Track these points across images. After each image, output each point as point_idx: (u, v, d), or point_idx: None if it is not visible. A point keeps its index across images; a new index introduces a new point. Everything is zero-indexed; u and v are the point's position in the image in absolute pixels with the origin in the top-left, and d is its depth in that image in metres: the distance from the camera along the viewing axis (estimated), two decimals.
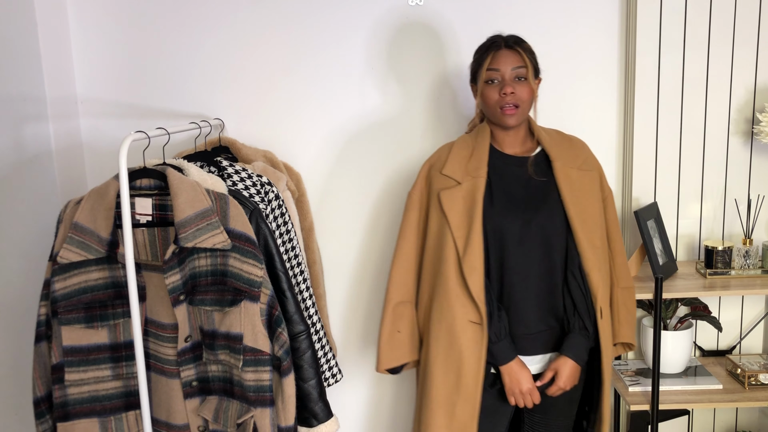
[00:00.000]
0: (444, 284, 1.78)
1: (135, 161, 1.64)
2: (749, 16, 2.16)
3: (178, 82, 2.28)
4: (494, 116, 1.80)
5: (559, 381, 1.78)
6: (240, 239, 1.61)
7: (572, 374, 1.79)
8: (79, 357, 1.63)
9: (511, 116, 1.76)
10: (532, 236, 1.77)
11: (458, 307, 1.76)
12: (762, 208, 2.24)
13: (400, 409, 2.46)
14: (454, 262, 1.76)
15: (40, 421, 1.70)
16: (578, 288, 1.78)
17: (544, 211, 1.78)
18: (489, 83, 1.77)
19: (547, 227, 1.77)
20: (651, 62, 2.18)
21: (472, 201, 1.77)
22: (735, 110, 2.21)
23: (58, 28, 2.19)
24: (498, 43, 1.78)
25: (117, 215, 1.61)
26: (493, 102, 1.76)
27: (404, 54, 2.25)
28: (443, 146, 1.93)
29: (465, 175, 1.80)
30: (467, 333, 1.75)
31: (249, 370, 1.62)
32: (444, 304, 1.78)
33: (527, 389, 1.77)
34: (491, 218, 1.77)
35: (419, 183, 1.92)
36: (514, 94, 1.74)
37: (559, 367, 1.78)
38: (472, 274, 1.73)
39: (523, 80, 1.76)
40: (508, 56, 1.76)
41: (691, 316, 2.21)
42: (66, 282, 1.61)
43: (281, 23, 2.24)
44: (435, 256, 1.84)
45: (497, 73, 1.75)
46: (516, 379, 1.77)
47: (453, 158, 1.84)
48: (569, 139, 1.91)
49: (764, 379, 2.13)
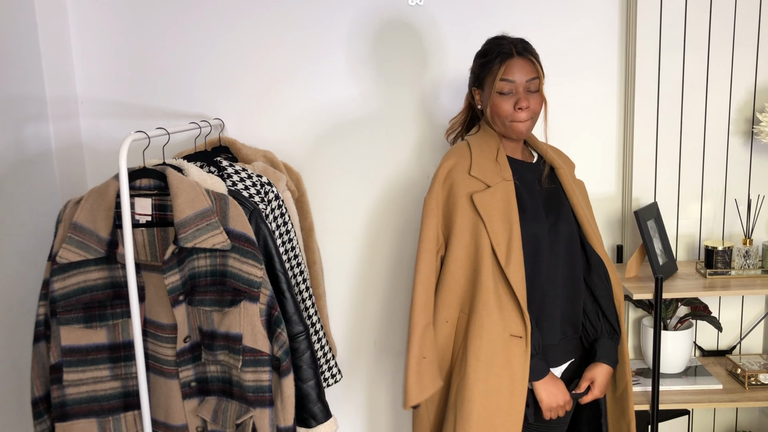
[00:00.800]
0: (483, 296, 1.64)
1: (135, 161, 1.64)
2: (749, 16, 2.15)
3: (178, 82, 2.28)
4: (503, 127, 1.72)
5: (595, 389, 1.75)
6: (239, 239, 1.61)
7: (608, 381, 1.78)
8: (78, 357, 1.63)
9: (523, 129, 1.70)
10: (558, 243, 1.72)
11: (499, 321, 1.64)
12: (762, 208, 2.24)
13: (399, 409, 2.46)
14: (492, 271, 1.65)
15: (39, 421, 1.70)
16: (604, 291, 1.77)
17: (563, 216, 1.74)
18: (502, 94, 1.68)
19: (570, 232, 1.74)
20: (651, 62, 2.18)
21: (508, 206, 1.67)
22: (735, 110, 2.21)
23: (58, 28, 2.19)
24: (509, 51, 1.68)
25: (117, 215, 1.61)
26: (506, 114, 1.69)
27: (404, 54, 2.25)
28: (458, 147, 1.79)
29: (493, 178, 1.69)
30: (510, 348, 1.64)
31: (248, 370, 1.62)
32: (485, 318, 1.64)
33: (565, 402, 1.70)
34: (525, 224, 1.68)
35: (437, 187, 1.74)
36: (528, 108, 1.68)
37: (596, 375, 1.75)
38: (517, 284, 1.63)
39: (536, 92, 1.70)
40: (522, 66, 1.67)
41: (691, 316, 2.21)
42: (65, 282, 1.61)
43: (281, 23, 2.24)
44: (468, 267, 1.70)
45: (511, 85, 1.67)
46: (553, 393, 1.69)
47: (478, 159, 1.72)
48: (555, 149, 1.90)
49: (764, 379, 2.13)
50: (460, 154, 1.76)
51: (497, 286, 1.65)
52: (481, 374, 1.65)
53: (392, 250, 2.36)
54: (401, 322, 2.40)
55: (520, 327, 1.65)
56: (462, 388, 1.68)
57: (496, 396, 1.65)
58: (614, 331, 1.79)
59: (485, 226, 1.66)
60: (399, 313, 2.40)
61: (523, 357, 1.64)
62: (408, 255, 2.36)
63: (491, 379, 1.65)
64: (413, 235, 2.34)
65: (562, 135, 2.18)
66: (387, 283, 2.38)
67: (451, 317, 1.74)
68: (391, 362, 2.43)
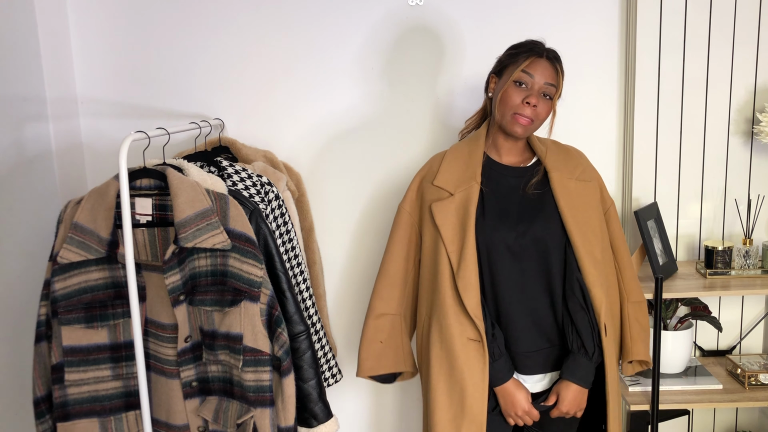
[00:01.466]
0: (441, 301, 1.70)
1: (135, 161, 1.64)
2: (749, 16, 2.15)
3: (178, 82, 2.28)
4: (504, 118, 1.71)
5: (561, 405, 1.71)
6: (240, 239, 1.61)
7: (575, 398, 1.71)
8: (79, 357, 1.63)
9: (522, 127, 1.69)
10: (527, 249, 1.69)
11: (456, 325, 1.68)
12: (762, 208, 2.24)
13: (399, 408, 2.46)
14: (449, 277, 1.69)
15: (40, 421, 1.70)
16: (578, 304, 1.69)
17: (539, 223, 1.70)
18: (517, 84, 1.69)
19: (544, 240, 1.70)
20: (651, 62, 2.18)
21: (464, 213, 1.70)
22: (735, 110, 2.21)
23: (58, 28, 2.19)
24: (539, 51, 1.70)
25: (117, 215, 1.61)
26: (513, 104, 1.69)
27: (404, 54, 2.25)
28: (435, 156, 1.87)
29: (458, 185, 1.73)
30: (468, 351, 1.67)
31: (249, 370, 1.62)
32: (442, 322, 1.70)
33: (523, 411, 1.71)
34: (482, 231, 1.69)
35: (410, 195, 1.85)
36: (535, 108, 1.68)
37: (560, 390, 1.71)
38: (467, 290, 1.66)
39: (548, 98, 1.70)
40: (546, 68, 1.69)
41: (691, 316, 2.21)
42: (66, 282, 1.61)
43: (281, 23, 2.24)
44: (430, 272, 1.77)
45: (530, 79, 1.68)
46: (511, 401, 1.70)
47: (445, 168, 1.78)
48: (566, 149, 1.85)
49: (764, 379, 2.13)
50: (431, 164, 1.85)
51: (453, 291, 1.69)
52: (442, 377, 1.71)
53: None
54: None
55: (474, 331, 1.67)
56: (426, 390, 1.77)
57: (458, 398, 1.68)
58: (583, 346, 1.70)
59: (440, 234, 1.72)
60: None
61: (481, 360, 1.67)
62: None
63: (451, 382, 1.69)
64: None
65: (562, 135, 2.18)
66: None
67: (421, 320, 1.83)
68: None
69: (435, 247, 1.75)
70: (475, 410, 1.67)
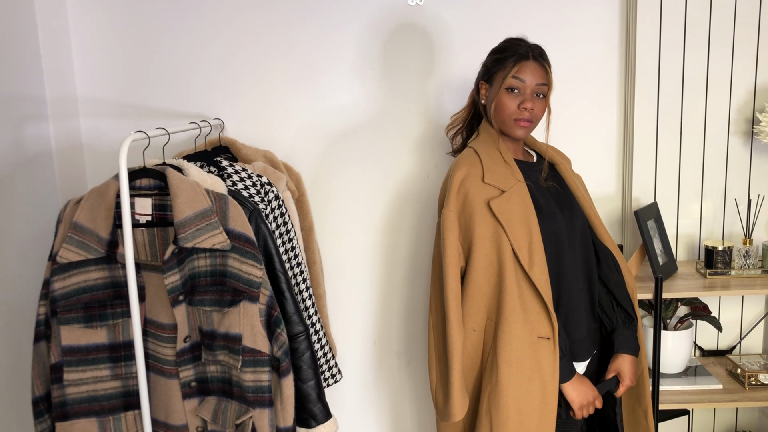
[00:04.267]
0: (510, 302, 1.65)
1: (135, 161, 1.64)
2: (749, 16, 2.15)
3: (178, 82, 2.28)
4: (504, 125, 1.75)
5: (625, 380, 1.79)
6: (239, 239, 1.61)
7: (633, 368, 1.80)
8: (78, 357, 1.63)
9: (523, 129, 1.73)
10: (575, 238, 1.75)
11: (526, 324, 1.65)
12: (762, 208, 2.24)
13: (400, 409, 2.46)
14: (517, 276, 1.66)
15: (39, 420, 1.70)
16: (617, 281, 1.80)
17: (577, 213, 1.78)
18: (510, 91, 1.71)
19: (584, 227, 1.78)
20: (651, 62, 2.18)
21: (525, 208, 1.68)
22: (735, 110, 2.21)
23: (58, 28, 2.20)
24: (525, 53, 1.71)
25: (117, 215, 1.61)
26: (509, 111, 1.72)
27: (404, 54, 2.25)
28: (466, 156, 1.78)
29: (506, 183, 1.71)
30: (540, 351, 1.65)
31: (248, 370, 1.62)
32: (513, 323, 1.65)
33: (594, 398, 1.71)
34: (543, 223, 1.69)
35: (452, 199, 1.72)
36: (532, 110, 1.71)
37: (620, 367, 1.78)
38: (543, 286, 1.64)
39: (542, 97, 1.73)
40: (535, 70, 1.71)
41: (691, 316, 2.21)
42: (65, 282, 1.61)
43: (281, 23, 2.24)
44: (493, 274, 1.69)
45: (521, 84, 1.70)
46: (583, 392, 1.70)
47: (489, 166, 1.73)
48: (550, 146, 1.91)
49: (764, 379, 2.13)
50: (470, 163, 1.75)
51: (521, 290, 1.66)
52: (514, 379, 1.65)
53: (392, 249, 2.36)
54: (401, 322, 2.40)
55: (548, 328, 1.65)
56: (495, 394, 1.68)
57: (528, 399, 1.65)
58: (630, 318, 1.81)
59: (505, 231, 1.66)
60: (399, 313, 2.40)
61: (552, 358, 1.66)
62: (408, 255, 2.36)
63: (523, 383, 1.65)
64: (413, 235, 2.35)
65: (562, 135, 2.18)
66: (387, 282, 2.38)
67: (478, 326, 1.73)
68: (391, 362, 2.43)
69: (497, 247, 1.68)
70: (549, 409, 1.66)
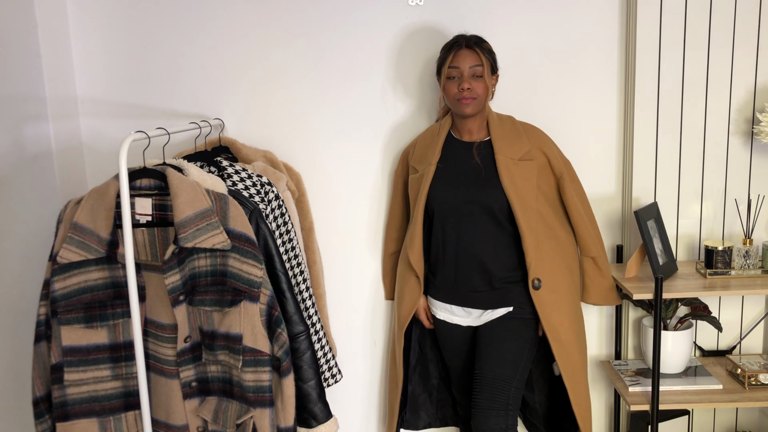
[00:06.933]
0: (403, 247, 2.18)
1: (135, 161, 1.64)
2: (749, 16, 2.15)
3: (178, 82, 2.28)
4: (453, 106, 2.03)
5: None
6: (240, 239, 1.61)
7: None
8: (79, 357, 1.63)
9: (467, 106, 1.99)
10: (478, 213, 2.01)
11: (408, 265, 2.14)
12: (762, 208, 2.24)
13: None
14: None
15: (40, 420, 1.70)
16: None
17: (487, 190, 2.00)
18: (450, 79, 2.01)
19: (490, 204, 1.99)
20: (651, 62, 2.18)
21: (420, 185, 2.07)
22: (735, 110, 2.21)
23: (58, 28, 2.19)
24: (460, 43, 2.01)
25: (117, 215, 1.61)
26: (452, 95, 2.00)
27: (404, 54, 2.25)
28: (416, 137, 2.21)
29: (421, 164, 2.10)
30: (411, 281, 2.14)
31: (248, 370, 1.62)
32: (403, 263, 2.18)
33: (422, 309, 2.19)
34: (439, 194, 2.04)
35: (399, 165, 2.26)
36: (470, 89, 1.97)
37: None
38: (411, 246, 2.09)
39: (480, 77, 1.99)
40: (467, 56, 1.99)
41: (691, 316, 2.21)
42: (66, 282, 1.61)
43: (281, 23, 2.24)
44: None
45: (457, 71, 1.99)
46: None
47: (417, 150, 2.15)
48: (517, 130, 2.07)
49: (764, 379, 2.13)
50: (411, 145, 2.21)
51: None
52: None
53: None
54: None
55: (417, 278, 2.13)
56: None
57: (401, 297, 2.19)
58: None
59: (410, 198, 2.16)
60: None
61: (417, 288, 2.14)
62: None
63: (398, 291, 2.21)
64: None
65: (562, 135, 2.18)
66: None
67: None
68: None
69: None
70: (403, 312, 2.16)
